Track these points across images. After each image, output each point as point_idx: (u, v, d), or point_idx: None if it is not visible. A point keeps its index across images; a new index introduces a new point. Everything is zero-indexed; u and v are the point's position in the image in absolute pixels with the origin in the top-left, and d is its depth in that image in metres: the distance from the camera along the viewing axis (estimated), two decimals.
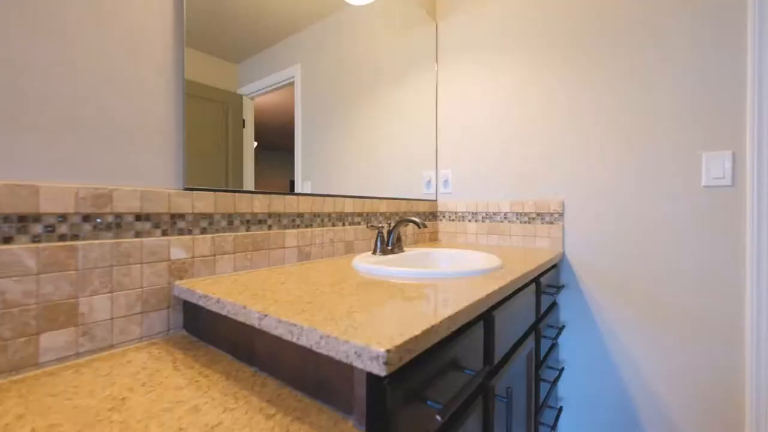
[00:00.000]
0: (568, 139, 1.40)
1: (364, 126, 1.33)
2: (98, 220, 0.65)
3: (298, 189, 1.08)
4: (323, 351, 0.46)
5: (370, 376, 0.44)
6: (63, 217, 0.61)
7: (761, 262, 1.06)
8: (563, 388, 1.41)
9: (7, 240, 0.55)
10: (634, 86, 1.27)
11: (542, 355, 1.18)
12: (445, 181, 1.73)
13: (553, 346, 1.33)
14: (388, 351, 0.41)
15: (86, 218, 0.63)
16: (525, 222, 1.50)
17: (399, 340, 0.43)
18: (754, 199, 1.07)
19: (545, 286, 1.20)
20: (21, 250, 0.56)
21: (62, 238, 0.61)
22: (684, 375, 1.18)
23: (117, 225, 0.67)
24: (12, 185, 0.56)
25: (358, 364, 0.43)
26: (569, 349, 1.40)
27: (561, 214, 1.41)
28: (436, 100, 1.76)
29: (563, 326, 1.32)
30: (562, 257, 1.41)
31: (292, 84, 1.10)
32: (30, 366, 0.57)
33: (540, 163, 1.47)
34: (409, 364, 0.49)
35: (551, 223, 1.43)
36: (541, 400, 1.17)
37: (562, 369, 1.31)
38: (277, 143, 1.04)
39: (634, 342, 1.27)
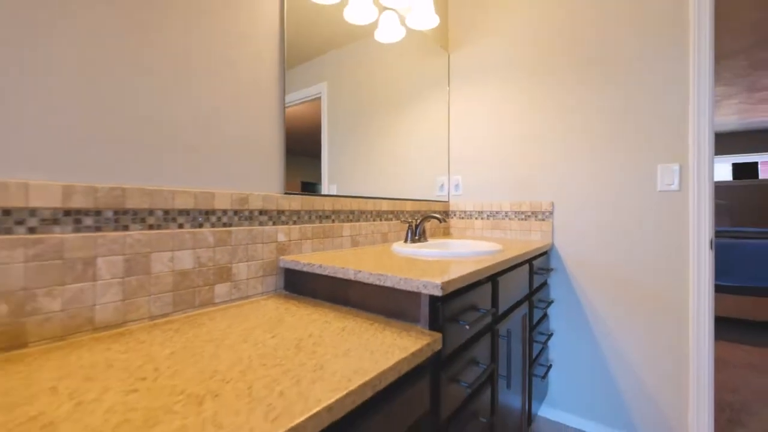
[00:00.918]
0: (558, 151, 1.74)
1: (385, 137, 1.65)
2: (241, 214, 0.99)
3: (324, 191, 1.32)
4: (402, 287, 0.81)
5: (431, 299, 0.79)
6: (224, 212, 0.95)
7: (700, 249, 1.40)
8: (553, 351, 1.75)
9: (200, 225, 0.90)
10: (611, 113, 1.61)
11: (535, 321, 1.52)
12: (456, 185, 2.07)
13: (544, 316, 1.67)
14: (442, 282, 0.75)
15: (236, 213, 0.98)
16: (522, 219, 1.84)
17: (447, 278, 0.78)
18: (694, 200, 1.41)
19: (537, 268, 1.54)
20: (206, 231, 0.91)
21: (224, 225, 0.95)
22: (645, 339, 1.52)
23: (250, 217, 1.02)
24: (203, 192, 0.90)
25: (424, 291, 0.77)
26: (557, 319, 1.74)
27: (551, 213, 1.75)
28: (448, 116, 2.10)
29: (552, 301, 1.67)
30: (552, 247, 1.75)
31: (318, 99, 1.42)
32: (210, 304, 0.92)
33: (534, 170, 1.81)
34: (450, 296, 0.84)
35: (543, 219, 1.77)
36: (534, 356, 1.51)
37: (551, 335, 1.65)
38: (293, 148, 1.17)
39: (608, 314, 1.61)
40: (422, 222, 1.52)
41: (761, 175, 5.48)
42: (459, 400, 0.87)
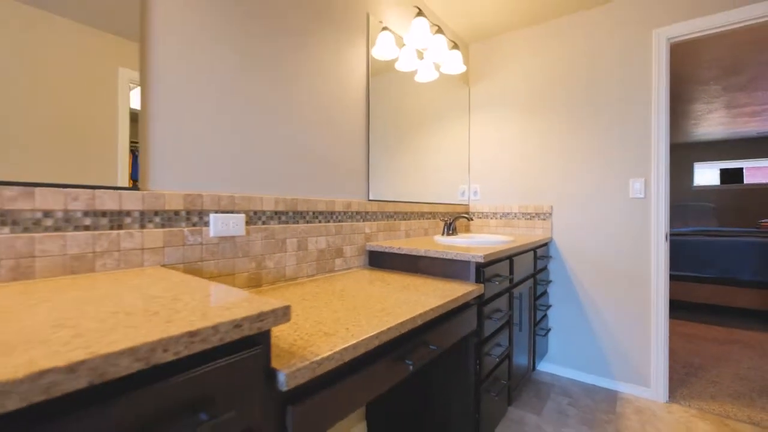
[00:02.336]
0: (556, 166, 2.27)
1: (415, 152, 2.19)
2: (347, 213, 1.53)
3: None
4: (458, 258, 1.34)
5: (476, 264, 1.32)
6: (339, 213, 1.49)
7: (658, 242, 1.93)
8: (552, 320, 2.28)
9: (328, 221, 1.44)
10: (597, 139, 2.14)
11: (538, 294, 2.05)
12: (475, 192, 2.60)
13: (545, 293, 2.20)
14: (485, 254, 1.28)
15: (344, 213, 1.52)
16: (528, 219, 2.37)
17: (487, 252, 1.31)
18: (655, 205, 1.93)
19: (540, 255, 2.07)
20: (331, 225, 1.45)
21: (339, 220, 1.49)
22: (620, 309, 2.04)
23: (351, 216, 1.55)
24: (330, 200, 1.44)
25: (472, 260, 1.30)
26: (555, 296, 2.26)
27: (550, 214, 2.28)
28: (468, 136, 2.63)
29: (551, 281, 2.19)
30: (551, 240, 2.28)
31: None
32: (332, 271, 1.46)
33: (538, 180, 2.34)
34: (486, 264, 1.37)
35: (544, 219, 2.30)
36: (537, 320, 2.04)
37: (550, 306, 2.18)
38: None
39: (593, 291, 2.13)
40: (454, 221, 2.05)
41: (746, 180, 5.97)
42: (491, 329, 1.40)
